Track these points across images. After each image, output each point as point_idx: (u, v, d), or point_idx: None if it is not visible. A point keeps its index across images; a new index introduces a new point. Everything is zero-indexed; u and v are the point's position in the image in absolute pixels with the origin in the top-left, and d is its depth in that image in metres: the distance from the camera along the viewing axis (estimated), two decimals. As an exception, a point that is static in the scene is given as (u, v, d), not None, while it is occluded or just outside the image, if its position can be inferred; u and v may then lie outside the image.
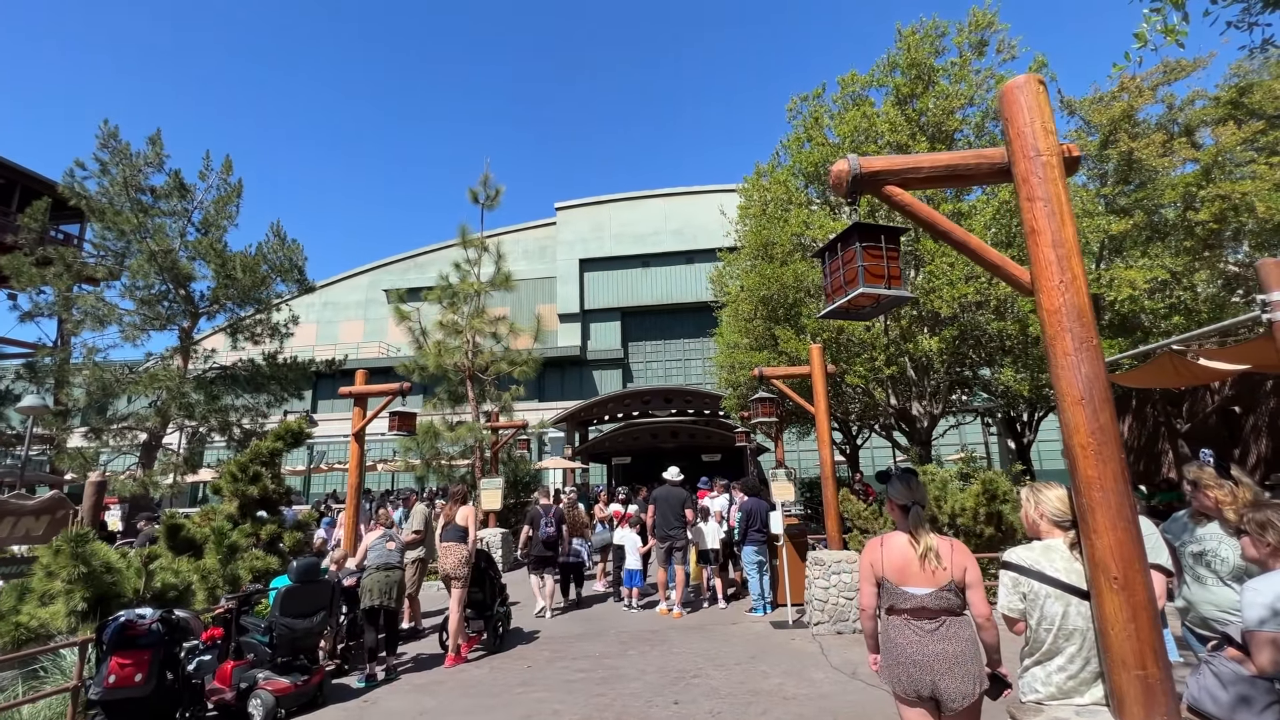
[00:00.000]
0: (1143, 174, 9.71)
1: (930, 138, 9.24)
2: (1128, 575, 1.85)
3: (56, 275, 12.97)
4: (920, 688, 2.41)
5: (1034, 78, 2.16)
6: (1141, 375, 7.70)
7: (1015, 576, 2.18)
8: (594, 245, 31.24)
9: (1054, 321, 2.02)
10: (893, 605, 2.54)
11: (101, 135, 13.13)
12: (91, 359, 13.17)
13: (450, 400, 13.69)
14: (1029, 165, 2.10)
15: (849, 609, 6.41)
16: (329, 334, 33.35)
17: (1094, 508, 1.90)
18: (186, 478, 14.00)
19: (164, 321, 13.56)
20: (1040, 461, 21.91)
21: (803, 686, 4.92)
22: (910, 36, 9.61)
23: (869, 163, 2.28)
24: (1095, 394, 1.94)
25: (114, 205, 12.99)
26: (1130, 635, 1.82)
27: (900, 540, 2.57)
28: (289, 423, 7.91)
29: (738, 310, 12.32)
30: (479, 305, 13.57)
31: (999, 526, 6.89)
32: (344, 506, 8.92)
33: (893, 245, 2.36)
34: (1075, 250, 2.04)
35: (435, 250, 33.02)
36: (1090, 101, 10.36)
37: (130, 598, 5.16)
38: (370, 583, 5.66)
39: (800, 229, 10.31)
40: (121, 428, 13.08)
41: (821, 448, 7.17)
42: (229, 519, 6.89)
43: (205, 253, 13.53)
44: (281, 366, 14.74)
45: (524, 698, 4.96)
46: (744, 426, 13.76)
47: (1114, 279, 8.69)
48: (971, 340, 9.55)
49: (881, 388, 10.06)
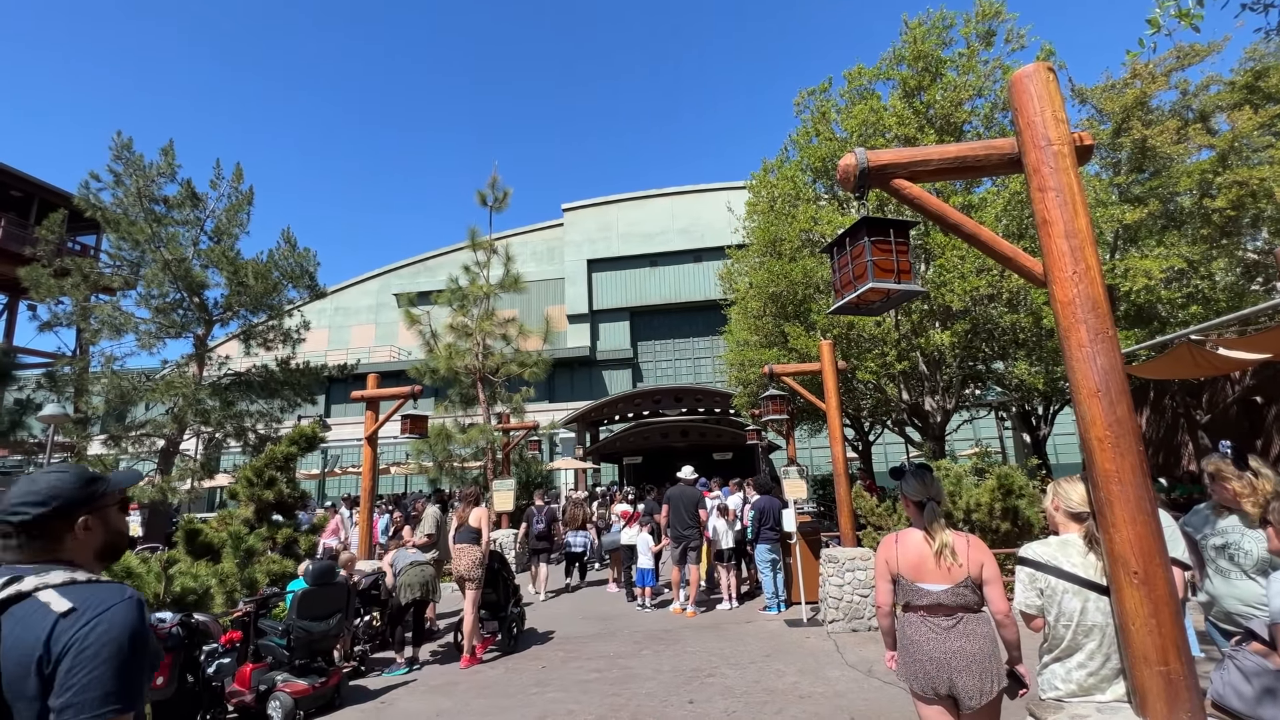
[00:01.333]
0: (1157, 162, 9.56)
1: (939, 130, 9.15)
2: (1148, 569, 1.82)
3: (74, 285, 13.17)
4: (938, 685, 2.39)
5: (1043, 66, 2.13)
6: (1159, 366, 7.58)
7: (1032, 572, 2.15)
8: (601, 245, 31.26)
9: (1068, 313, 1.99)
10: (909, 602, 2.51)
11: (115, 147, 13.31)
12: (109, 367, 13.37)
13: (461, 402, 13.76)
14: (1040, 155, 2.07)
15: (864, 606, 6.37)
16: (340, 338, 33.65)
17: (1112, 501, 1.87)
18: (203, 483, 14.17)
19: (179, 329, 13.73)
20: (1056, 455, 21.64)
21: (818, 685, 4.90)
22: (917, 29, 9.52)
23: (877, 156, 2.26)
24: (1112, 386, 1.90)
25: (128, 216, 13.17)
26: (1152, 630, 1.79)
27: (915, 537, 2.54)
28: (303, 427, 7.98)
29: (747, 307, 12.28)
30: (489, 307, 13.63)
31: (1015, 522, 6.82)
32: (357, 509, 9.01)
33: (902, 239, 2.34)
34: (1089, 241, 2.01)
35: (444, 254, 33.21)
36: (1102, 89, 10.22)
37: (151, 602, 5.24)
38: (407, 579, 5.97)
39: (808, 225, 10.25)
40: (139, 435, 13.26)
41: (833, 444, 7.13)
42: (245, 523, 6.98)
43: (218, 261, 13.69)
44: (294, 372, 14.88)
45: (539, 698, 4.98)
46: (755, 424, 13.71)
47: (1129, 269, 8.56)
48: (984, 333, 9.45)
49: (893, 383, 9.99)
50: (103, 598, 1.16)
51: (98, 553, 1.31)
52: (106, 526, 1.32)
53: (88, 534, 1.28)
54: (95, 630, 1.11)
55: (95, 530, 1.29)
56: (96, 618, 1.12)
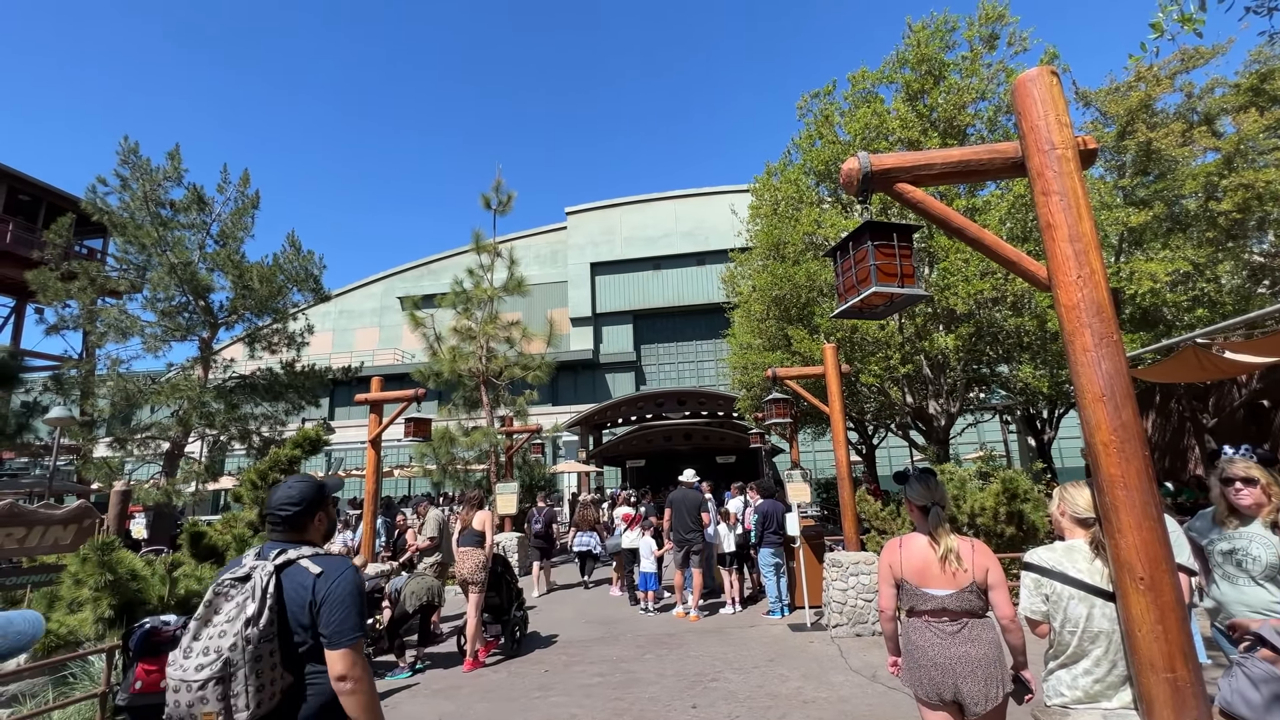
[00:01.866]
0: (1162, 164, 9.54)
1: (942, 133, 9.14)
2: (1154, 575, 1.81)
3: (81, 289, 13.25)
4: (943, 691, 2.38)
5: (1047, 70, 2.12)
6: (1164, 370, 7.54)
7: (1037, 578, 2.14)
8: (605, 249, 31.31)
9: (1072, 317, 1.98)
10: (913, 607, 2.50)
11: (122, 151, 13.41)
12: (115, 370, 13.43)
13: (465, 405, 13.78)
14: (1043, 159, 2.07)
15: (868, 611, 6.34)
16: (344, 341, 33.75)
17: (1118, 506, 1.86)
18: (208, 486, 14.21)
19: (184, 332, 13.80)
20: (1061, 459, 21.55)
21: (822, 690, 4.88)
22: (920, 32, 9.53)
23: (880, 160, 2.26)
24: (1117, 390, 1.90)
25: (135, 219, 13.25)
26: (1158, 637, 1.78)
27: (920, 541, 2.54)
28: (307, 430, 8.00)
29: (750, 310, 12.28)
30: (492, 310, 13.66)
31: (1020, 526, 6.79)
32: (360, 512, 9.00)
33: (905, 243, 2.33)
34: (1093, 244, 2.00)
35: (447, 257, 33.31)
36: (1106, 92, 10.20)
37: (155, 604, 5.25)
38: (413, 588, 6.02)
39: (812, 228, 10.25)
40: (145, 437, 13.32)
41: (837, 448, 7.11)
42: (250, 526, 6.99)
43: (223, 264, 13.75)
44: (299, 375, 14.92)
45: (542, 702, 4.97)
46: (758, 428, 13.70)
47: (1134, 272, 8.53)
48: (988, 337, 9.43)
49: (897, 386, 9.97)
50: (339, 565, 1.85)
51: (324, 536, 2.03)
52: (328, 518, 2.02)
53: (319, 524, 2.00)
54: (339, 586, 1.78)
55: (322, 521, 2.00)
56: (339, 577, 1.80)
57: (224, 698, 1.59)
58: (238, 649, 1.61)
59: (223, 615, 1.68)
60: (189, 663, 1.62)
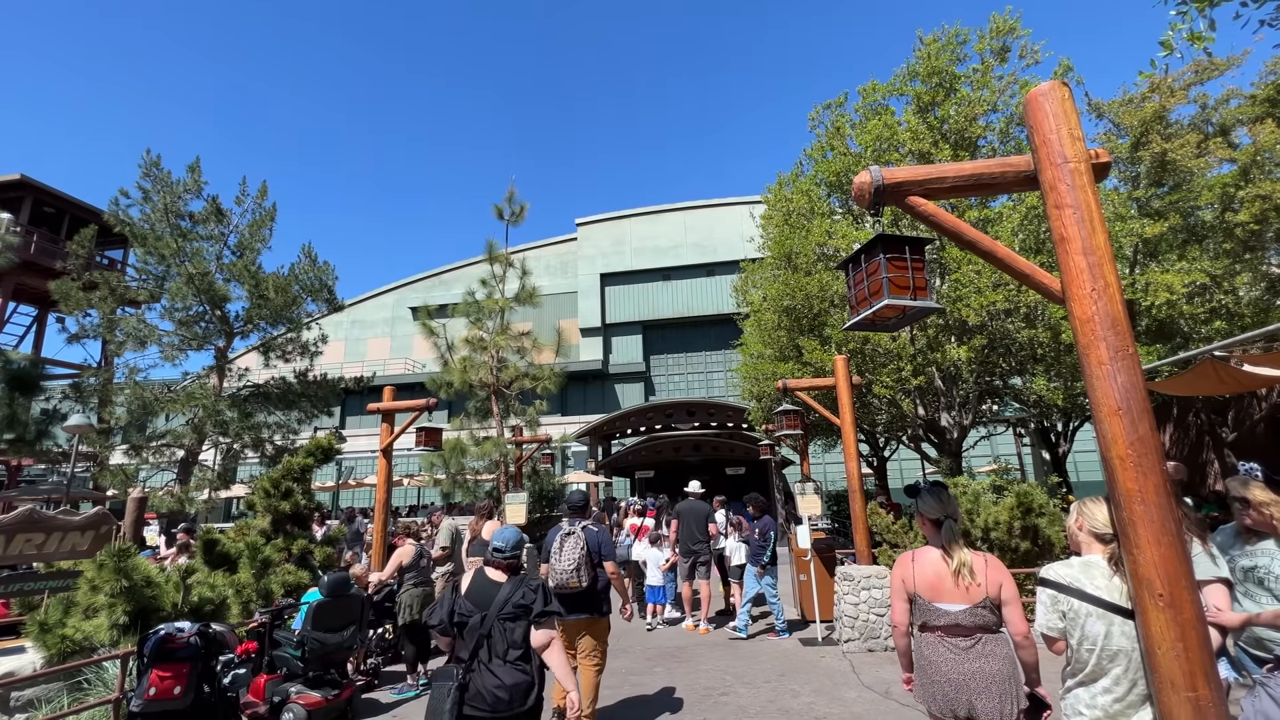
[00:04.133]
0: (1177, 175, 9.45)
1: (953, 145, 9.14)
2: (1174, 592, 1.78)
3: (101, 299, 13.51)
4: (956, 708, 2.34)
5: (1058, 84, 2.13)
6: (1182, 383, 7.43)
7: (1054, 594, 2.11)
8: (615, 260, 31.43)
9: (1087, 330, 1.97)
10: (926, 622, 2.48)
11: (144, 164, 13.71)
12: (133, 379, 13.64)
13: (476, 415, 13.83)
14: (1056, 173, 2.07)
15: (880, 626, 6.26)
16: (356, 351, 34.05)
17: (1135, 522, 1.84)
18: (221, 493, 14.35)
19: (201, 341, 14.01)
20: (1077, 473, 21.22)
21: (834, 706, 4.81)
22: (931, 44, 9.56)
23: (892, 174, 2.27)
24: (1133, 404, 1.88)
25: (155, 231, 13.52)
26: (1179, 655, 1.75)
27: (933, 555, 2.51)
28: (319, 439, 8.06)
29: (761, 321, 12.26)
30: (504, 321, 13.74)
31: (1035, 540, 6.68)
32: (370, 521, 9.04)
33: (918, 256, 2.33)
34: (1108, 257, 1.99)
35: (458, 268, 33.59)
36: (1119, 104, 10.16)
37: (169, 611, 5.30)
38: (406, 599, 5.93)
39: (823, 239, 10.25)
40: (160, 445, 13.49)
41: (848, 461, 7.06)
42: (262, 534, 7.04)
43: (240, 275, 13.98)
44: (311, 384, 15.08)
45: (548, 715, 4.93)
46: (768, 439, 13.62)
47: (1150, 284, 8.44)
48: (1001, 349, 9.35)
49: (909, 398, 9.89)
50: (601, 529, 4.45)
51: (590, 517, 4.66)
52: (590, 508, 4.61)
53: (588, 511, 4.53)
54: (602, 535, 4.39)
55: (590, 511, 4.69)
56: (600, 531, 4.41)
57: (576, 574, 4.06)
58: (579, 559, 4.10)
59: (569, 546, 4.13)
60: (562, 564, 4.08)
